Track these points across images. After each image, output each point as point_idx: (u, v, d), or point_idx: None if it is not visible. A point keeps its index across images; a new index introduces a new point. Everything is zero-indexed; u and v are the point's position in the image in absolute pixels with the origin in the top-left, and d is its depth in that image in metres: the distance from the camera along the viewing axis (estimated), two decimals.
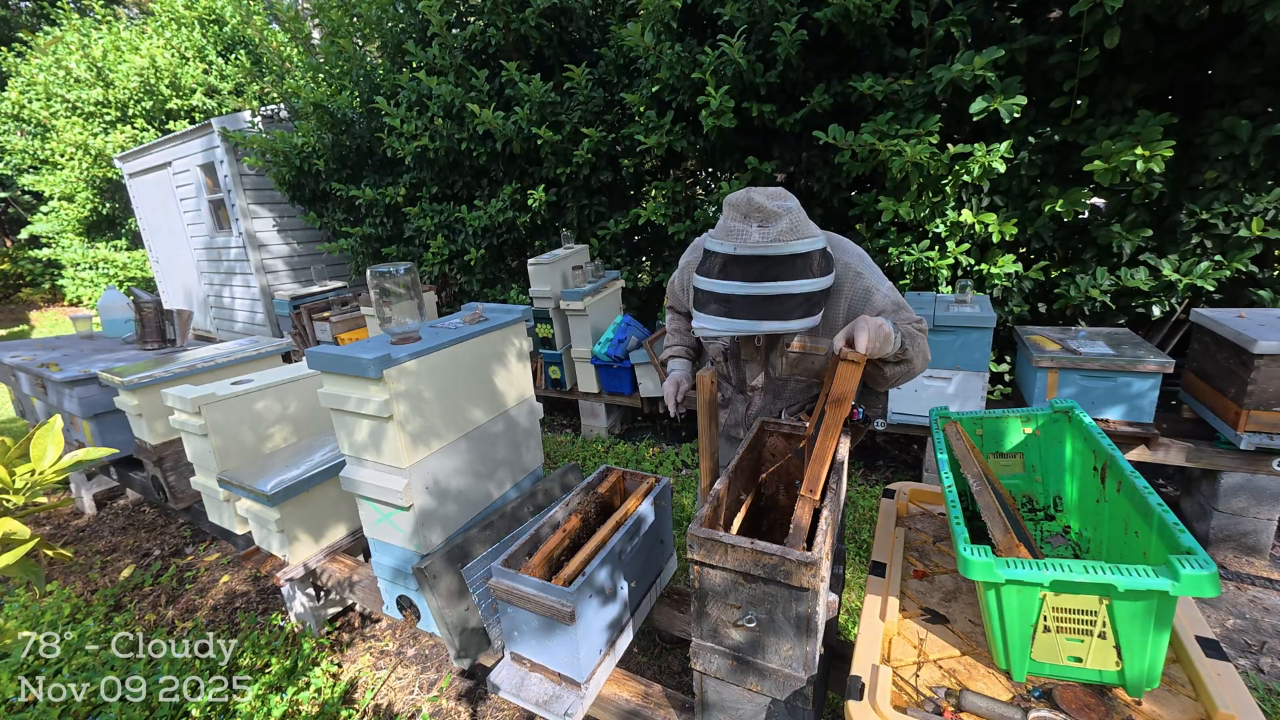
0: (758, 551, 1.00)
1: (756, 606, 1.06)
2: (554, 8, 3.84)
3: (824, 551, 1.00)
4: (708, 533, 1.05)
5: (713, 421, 1.38)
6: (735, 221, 1.15)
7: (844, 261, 1.31)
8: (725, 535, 1.04)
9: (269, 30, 8.08)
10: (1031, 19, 2.73)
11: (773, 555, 0.98)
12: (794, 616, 1.01)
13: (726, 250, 1.14)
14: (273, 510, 2.01)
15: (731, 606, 1.09)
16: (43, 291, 10.93)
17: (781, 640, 1.05)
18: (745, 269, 1.13)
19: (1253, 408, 2.16)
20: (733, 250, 1.13)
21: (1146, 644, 0.82)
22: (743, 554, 1.01)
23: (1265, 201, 2.41)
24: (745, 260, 1.13)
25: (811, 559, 0.95)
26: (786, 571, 0.97)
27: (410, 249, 5.04)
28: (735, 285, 1.13)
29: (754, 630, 1.07)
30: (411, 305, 1.70)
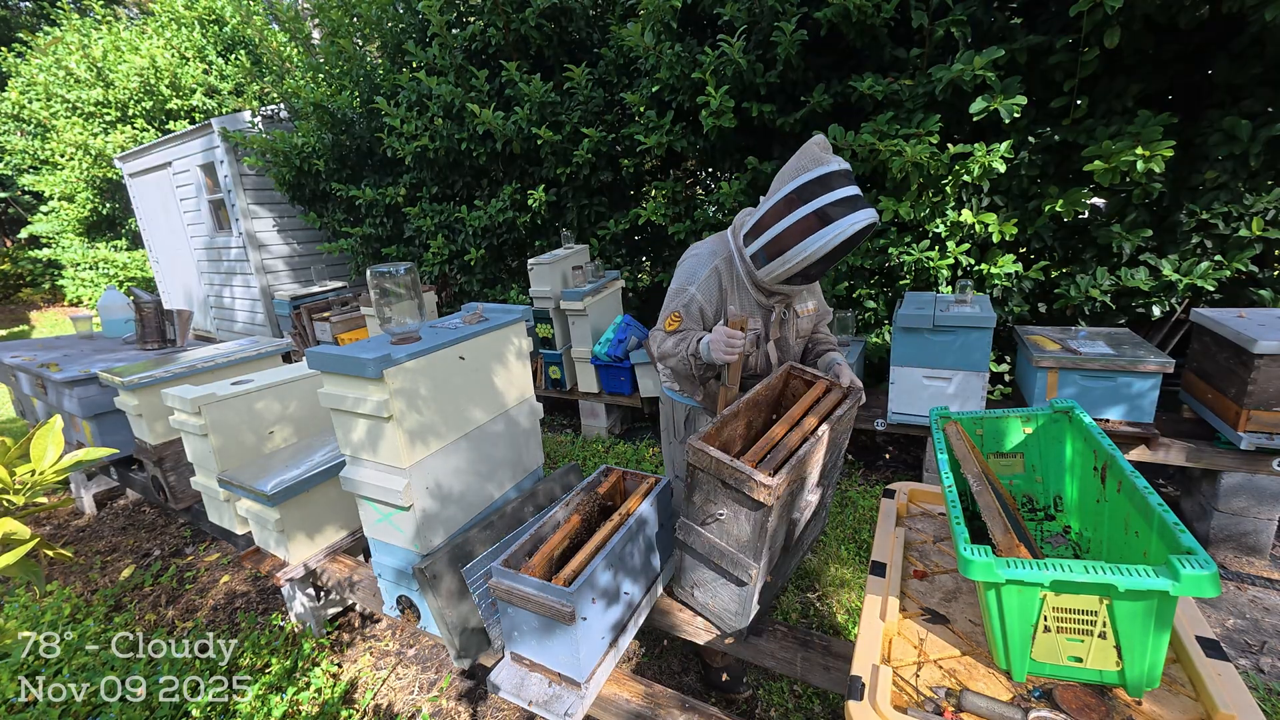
0: (731, 466, 1.28)
1: (726, 506, 1.38)
2: (554, 8, 3.84)
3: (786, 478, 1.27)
4: (700, 444, 1.35)
5: (740, 364, 1.59)
6: (821, 151, 1.47)
7: None
8: (711, 449, 1.32)
9: (269, 30, 8.08)
10: (1031, 19, 2.73)
11: (740, 472, 1.27)
12: (752, 520, 1.33)
13: (834, 167, 1.43)
14: (273, 510, 2.01)
15: (709, 502, 1.42)
16: (43, 291, 10.93)
17: (740, 533, 1.37)
18: (849, 178, 1.43)
19: (1253, 408, 2.16)
20: (839, 166, 1.44)
21: (1147, 644, 0.82)
22: (720, 466, 1.31)
23: (1265, 201, 2.41)
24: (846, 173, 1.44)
25: (768, 483, 1.22)
26: (750, 486, 1.26)
27: (410, 249, 5.04)
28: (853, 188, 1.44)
29: (721, 521, 1.41)
30: (411, 305, 1.70)
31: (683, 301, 1.67)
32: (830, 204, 1.41)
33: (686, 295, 1.66)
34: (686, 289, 1.67)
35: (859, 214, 1.40)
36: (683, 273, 1.71)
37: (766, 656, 1.60)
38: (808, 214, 1.43)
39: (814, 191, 1.43)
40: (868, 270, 3.36)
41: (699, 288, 1.65)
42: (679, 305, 1.68)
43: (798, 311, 1.73)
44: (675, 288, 1.71)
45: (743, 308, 1.66)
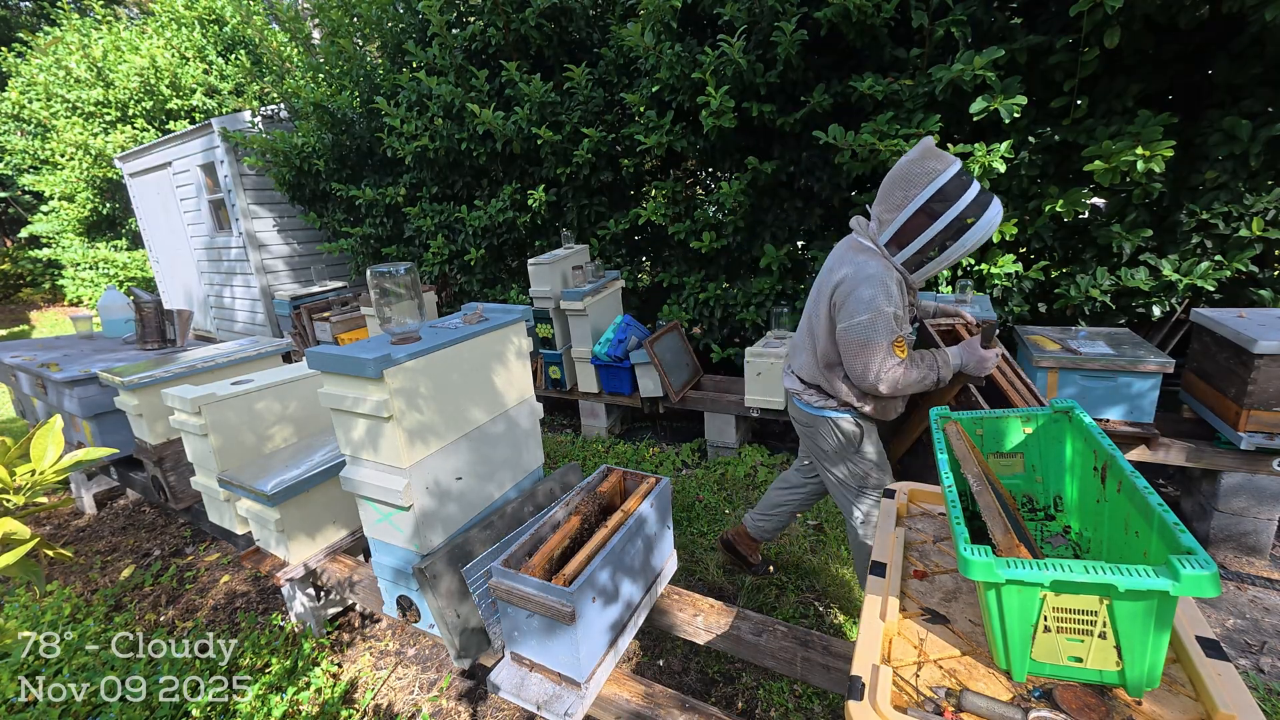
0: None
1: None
2: (554, 8, 3.84)
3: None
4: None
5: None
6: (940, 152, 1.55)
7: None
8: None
9: (269, 30, 8.08)
10: (1031, 19, 2.73)
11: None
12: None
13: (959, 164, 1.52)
14: (273, 510, 2.01)
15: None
16: (43, 291, 10.93)
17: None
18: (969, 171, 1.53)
19: (1253, 408, 2.16)
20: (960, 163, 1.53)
21: (1147, 644, 0.82)
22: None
23: (1265, 201, 2.41)
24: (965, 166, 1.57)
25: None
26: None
27: (410, 249, 5.04)
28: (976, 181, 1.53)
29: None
30: (411, 305, 1.70)
31: (893, 321, 1.61)
32: (973, 202, 1.50)
33: (890, 315, 1.60)
34: (884, 310, 1.59)
35: (995, 205, 1.51)
36: (876, 292, 1.60)
37: (766, 656, 1.60)
38: (957, 215, 1.50)
39: (955, 192, 1.51)
40: None
41: (896, 305, 1.61)
42: (894, 326, 1.60)
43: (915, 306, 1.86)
44: (871, 315, 1.60)
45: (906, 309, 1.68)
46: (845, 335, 1.65)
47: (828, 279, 1.73)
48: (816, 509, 2.85)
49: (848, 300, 1.64)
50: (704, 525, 2.79)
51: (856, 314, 1.62)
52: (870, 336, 1.60)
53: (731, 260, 3.85)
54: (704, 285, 3.85)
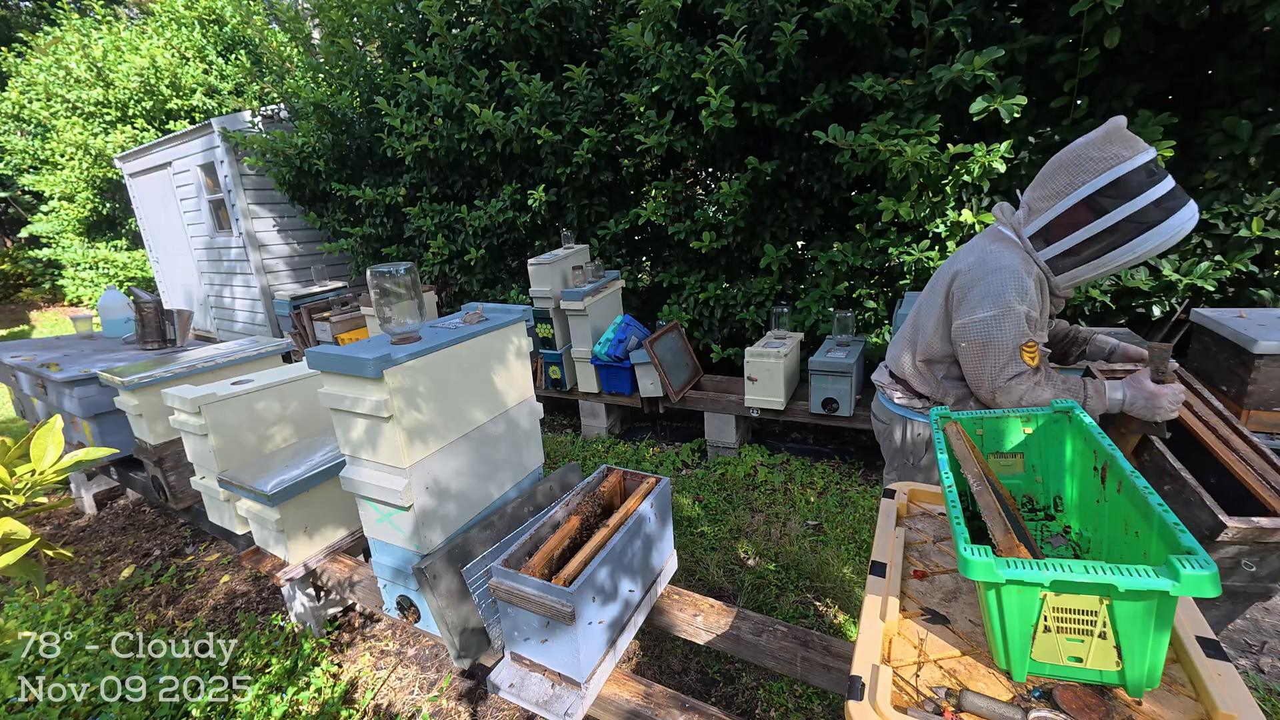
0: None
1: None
2: (554, 8, 3.84)
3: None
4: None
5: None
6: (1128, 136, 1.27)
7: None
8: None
9: (269, 30, 8.09)
10: (1031, 19, 2.73)
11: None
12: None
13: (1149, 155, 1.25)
14: (273, 510, 2.01)
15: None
16: (43, 291, 10.92)
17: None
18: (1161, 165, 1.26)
19: (1253, 408, 2.15)
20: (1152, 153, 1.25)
21: (1147, 644, 0.82)
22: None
23: (1265, 201, 2.41)
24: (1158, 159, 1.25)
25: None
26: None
27: (410, 249, 5.04)
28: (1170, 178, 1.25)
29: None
30: (411, 305, 1.70)
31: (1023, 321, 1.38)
32: (1156, 201, 1.22)
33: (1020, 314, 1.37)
34: (1015, 307, 1.37)
35: (1187, 210, 1.22)
36: (1006, 286, 1.39)
37: (766, 656, 1.60)
38: (1131, 214, 1.24)
39: (1136, 187, 1.24)
40: (868, 270, 3.36)
41: (1030, 304, 1.39)
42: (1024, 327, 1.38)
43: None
44: (998, 311, 1.38)
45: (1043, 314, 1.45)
46: (963, 332, 1.43)
47: (949, 266, 1.54)
48: (817, 509, 2.85)
49: (970, 292, 1.42)
50: (704, 525, 2.79)
51: (979, 308, 1.39)
52: (993, 335, 1.37)
53: (731, 260, 3.84)
54: (704, 285, 3.85)
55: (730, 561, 2.54)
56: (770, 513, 2.87)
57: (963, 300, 1.45)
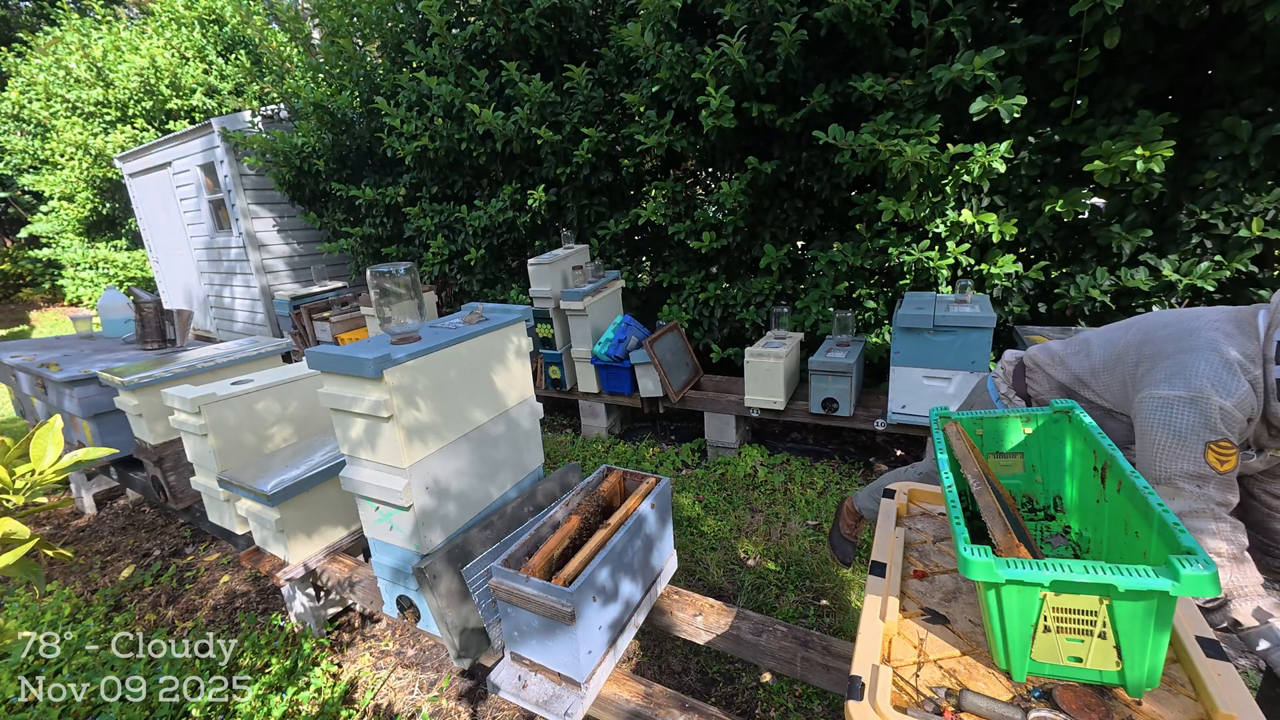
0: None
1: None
2: (554, 8, 3.84)
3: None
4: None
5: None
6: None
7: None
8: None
9: (269, 30, 8.09)
10: (1031, 19, 2.73)
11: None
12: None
13: None
14: (273, 510, 2.01)
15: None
16: (43, 291, 10.92)
17: None
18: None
19: None
20: None
21: (1147, 644, 0.82)
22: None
23: (1265, 201, 2.41)
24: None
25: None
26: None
27: (410, 249, 5.04)
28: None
29: None
30: (411, 305, 1.70)
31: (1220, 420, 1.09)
32: None
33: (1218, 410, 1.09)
34: (1211, 399, 1.09)
35: None
36: (1202, 371, 1.13)
37: (766, 656, 1.60)
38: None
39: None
40: (868, 270, 3.36)
41: (1238, 403, 1.10)
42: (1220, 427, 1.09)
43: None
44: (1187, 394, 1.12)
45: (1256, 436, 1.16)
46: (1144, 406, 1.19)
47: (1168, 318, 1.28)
48: (817, 509, 2.85)
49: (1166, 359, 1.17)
50: (704, 525, 2.79)
51: (1168, 383, 1.14)
52: (1172, 422, 1.12)
53: (731, 260, 3.85)
54: (704, 285, 3.85)
55: (730, 561, 2.54)
56: (770, 513, 2.87)
57: (1156, 364, 1.20)
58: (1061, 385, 1.46)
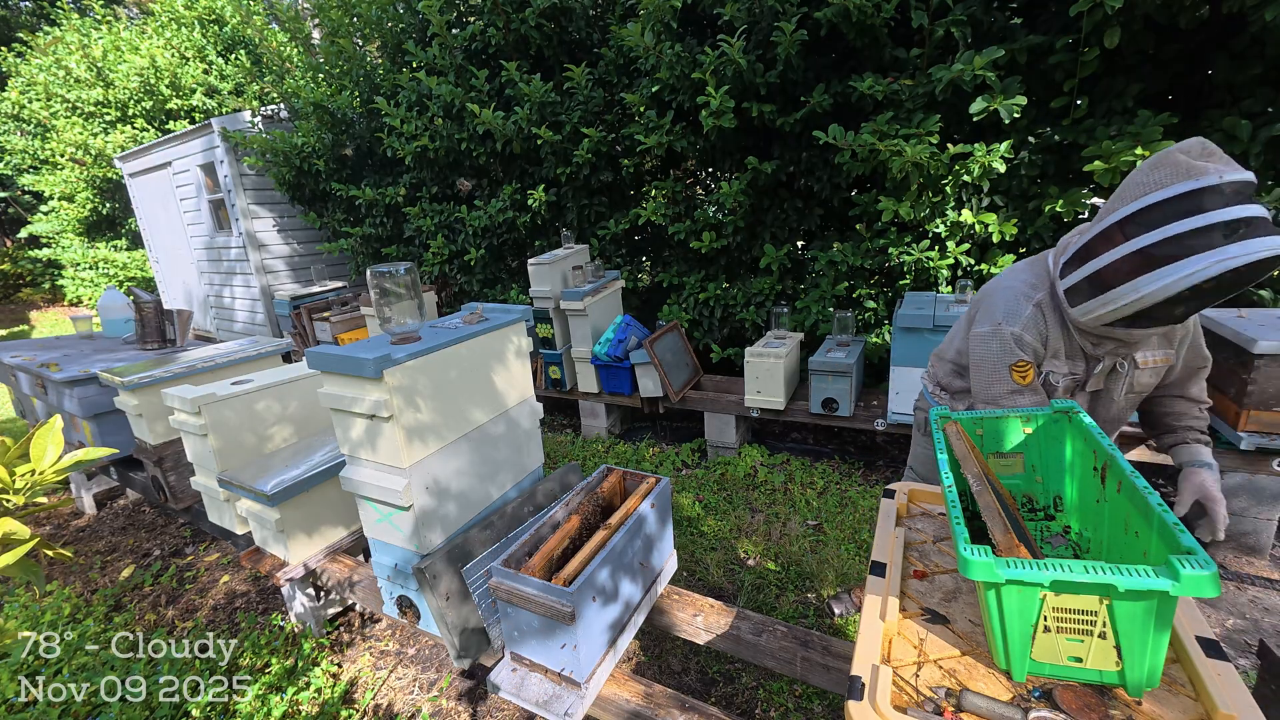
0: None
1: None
2: (554, 8, 3.84)
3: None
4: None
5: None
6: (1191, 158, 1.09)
7: None
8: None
9: (269, 30, 8.09)
10: (1031, 19, 2.73)
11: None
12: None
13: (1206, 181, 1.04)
14: (273, 510, 2.01)
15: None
16: (43, 291, 10.93)
17: None
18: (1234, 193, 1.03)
19: (1253, 407, 2.15)
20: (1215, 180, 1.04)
21: (1147, 644, 0.82)
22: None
23: (1265, 201, 2.41)
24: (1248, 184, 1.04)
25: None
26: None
27: (410, 249, 5.04)
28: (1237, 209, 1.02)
29: None
30: (411, 305, 1.70)
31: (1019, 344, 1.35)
32: (1195, 231, 1.04)
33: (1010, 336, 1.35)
34: (1003, 328, 1.35)
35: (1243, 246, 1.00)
36: (998, 307, 1.38)
37: (766, 656, 1.60)
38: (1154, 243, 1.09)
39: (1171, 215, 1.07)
40: (868, 270, 3.36)
41: (1027, 324, 1.34)
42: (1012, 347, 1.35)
43: (1137, 362, 1.35)
44: (989, 328, 1.38)
45: (1069, 352, 1.37)
46: (969, 345, 1.47)
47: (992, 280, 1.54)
48: (817, 509, 2.85)
49: (979, 306, 1.46)
50: (704, 525, 2.79)
51: (979, 324, 1.42)
52: (984, 354, 1.39)
53: (731, 260, 3.85)
54: (704, 285, 3.85)
55: (730, 561, 2.54)
56: (770, 513, 2.87)
57: (975, 314, 1.49)
58: (950, 361, 1.65)
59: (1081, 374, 1.39)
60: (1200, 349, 1.40)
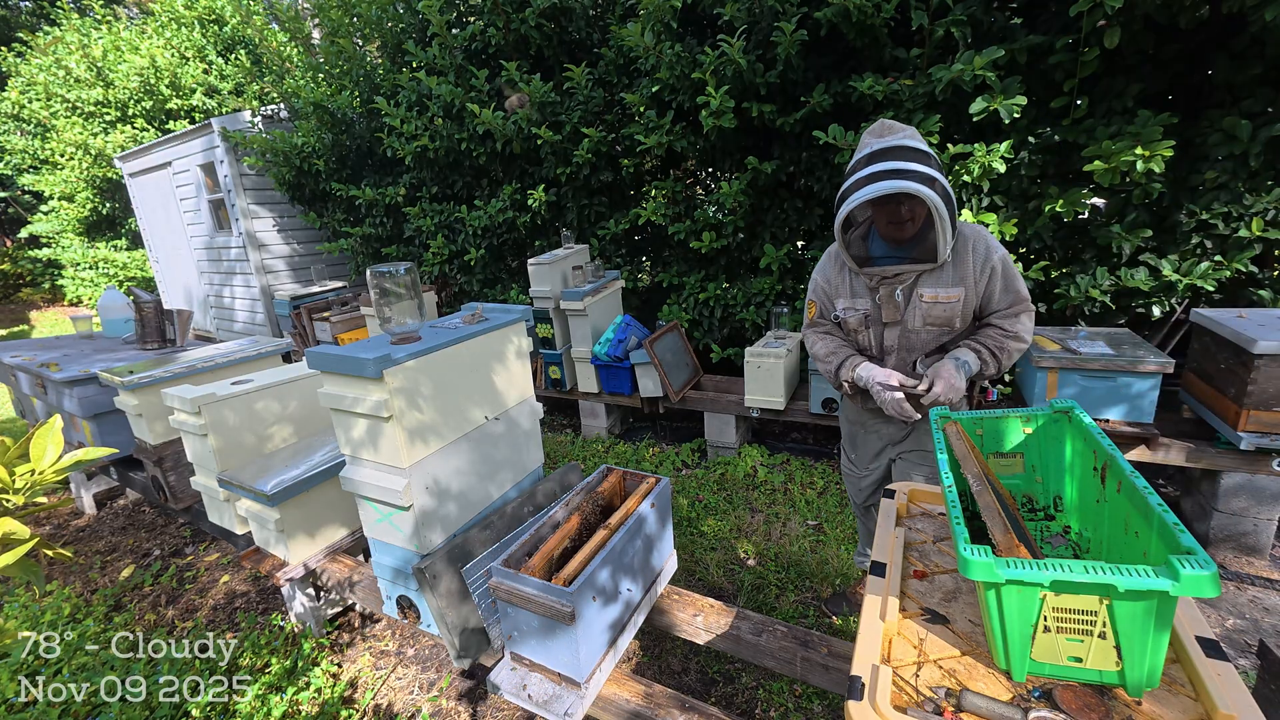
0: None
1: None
2: (554, 8, 3.84)
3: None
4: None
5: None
6: (872, 136, 1.54)
7: (975, 228, 1.62)
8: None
9: (269, 30, 8.08)
10: (1031, 19, 2.73)
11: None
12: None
13: (871, 148, 1.51)
14: (273, 510, 2.01)
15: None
16: (43, 291, 10.93)
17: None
18: (896, 153, 1.47)
19: (1253, 408, 2.15)
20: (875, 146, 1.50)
21: (1147, 644, 0.82)
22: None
23: (1265, 201, 2.41)
24: (894, 148, 1.48)
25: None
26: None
27: (410, 249, 5.04)
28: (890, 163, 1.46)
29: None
30: (411, 305, 1.70)
31: (812, 287, 1.81)
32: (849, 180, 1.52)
33: (813, 280, 1.81)
34: (814, 276, 1.80)
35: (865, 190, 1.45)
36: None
37: (766, 656, 1.60)
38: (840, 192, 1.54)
39: (850, 171, 1.54)
40: None
41: (820, 269, 1.79)
42: (811, 291, 1.82)
43: (924, 295, 1.60)
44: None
45: (853, 291, 1.70)
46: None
47: None
48: (817, 509, 2.85)
49: None
50: (704, 525, 2.79)
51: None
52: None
53: (731, 260, 3.84)
54: (704, 285, 3.85)
55: (730, 561, 2.54)
56: (770, 513, 2.87)
57: None
58: None
59: (868, 308, 1.68)
60: (1014, 290, 1.60)
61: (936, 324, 1.62)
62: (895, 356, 1.68)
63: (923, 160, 1.45)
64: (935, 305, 1.59)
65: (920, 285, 1.60)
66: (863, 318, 1.68)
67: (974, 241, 1.59)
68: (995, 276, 1.58)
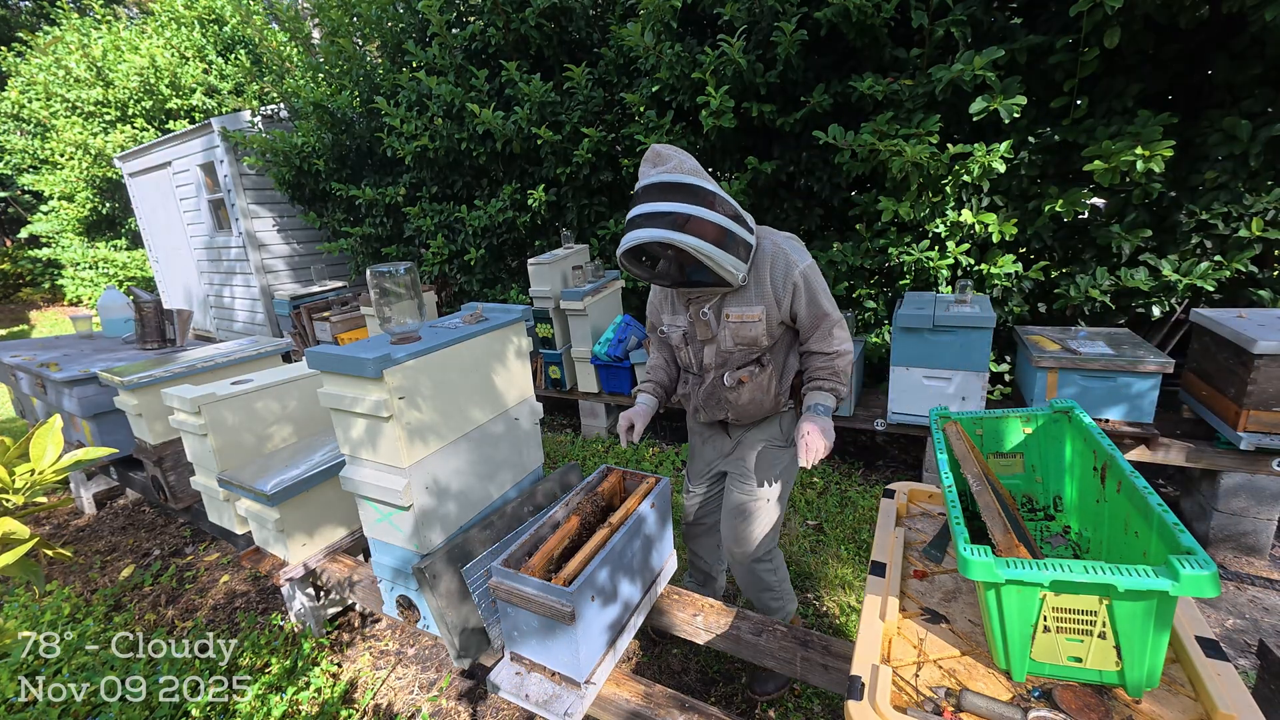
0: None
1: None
2: (554, 8, 3.84)
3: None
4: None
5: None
6: (646, 166, 1.50)
7: (771, 239, 1.59)
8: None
9: (269, 30, 8.07)
10: (1031, 19, 2.73)
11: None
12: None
13: (640, 183, 1.48)
14: (273, 510, 2.01)
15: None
16: (43, 291, 10.93)
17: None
18: (649, 193, 1.44)
19: (1253, 408, 2.16)
20: (640, 183, 1.47)
21: (1146, 644, 0.82)
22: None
23: (1265, 201, 2.41)
24: (647, 188, 1.45)
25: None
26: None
27: (410, 249, 5.04)
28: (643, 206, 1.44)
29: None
30: (411, 305, 1.70)
31: (649, 312, 1.83)
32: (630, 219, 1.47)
33: (650, 305, 1.81)
34: (649, 303, 1.82)
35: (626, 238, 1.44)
36: None
37: (766, 656, 1.60)
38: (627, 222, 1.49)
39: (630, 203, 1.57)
40: (868, 270, 3.36)
41: (652, 293, 1.80)
42: (648, 316, 1.83)
43: (730, 315, 1.59)
44: None
45: (674, 309, 1.72)
46: None
47: None
48: (817, 509, 2.85)
49: None
50: None
51: None
52: None
53: None
54: None
55: None
56: None
57: None
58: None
59: (685, 325, 1.68)
60: (818, 306, 1.57)
61: (744, 343, 1.61)
62: (713, 375, 1.68)
63: (680, 196, 1.40)
64: (742, 325, 1.59)
65: (726, 305, 1.60)
66: (682, 335, 1.70)
67: (774, 258, 1.55)
68: (799, 293, 1.54)
